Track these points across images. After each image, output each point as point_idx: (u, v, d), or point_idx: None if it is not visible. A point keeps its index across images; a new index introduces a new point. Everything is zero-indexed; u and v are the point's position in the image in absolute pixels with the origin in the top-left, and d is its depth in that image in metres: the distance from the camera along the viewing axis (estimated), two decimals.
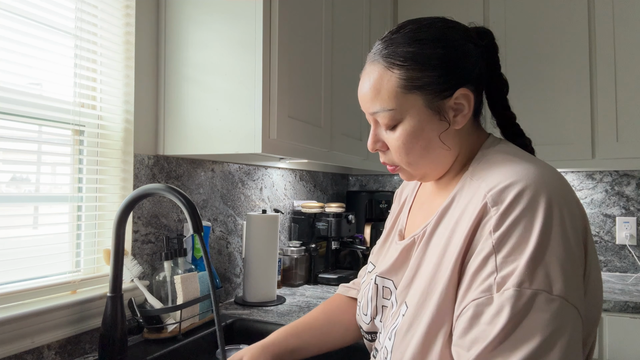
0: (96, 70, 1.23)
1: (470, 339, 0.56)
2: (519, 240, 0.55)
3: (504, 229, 0.56)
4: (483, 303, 0.56)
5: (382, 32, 2.22)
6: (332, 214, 2.04)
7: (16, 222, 1.04)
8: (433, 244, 0.68)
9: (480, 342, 0.54)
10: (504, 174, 0.61)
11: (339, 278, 1.99)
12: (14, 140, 1.03)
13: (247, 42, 1.28)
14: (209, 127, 1.32)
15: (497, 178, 0.61)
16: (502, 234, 0.56)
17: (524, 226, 0.55)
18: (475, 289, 0.57)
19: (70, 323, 1.09)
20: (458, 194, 0.68)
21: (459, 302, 0.59)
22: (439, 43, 0.68)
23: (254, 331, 1.40)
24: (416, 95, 0.69)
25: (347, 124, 1.82)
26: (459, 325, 0.58)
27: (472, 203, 0.62)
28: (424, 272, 0.66)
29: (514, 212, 0.57)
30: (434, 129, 0.70)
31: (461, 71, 0.68)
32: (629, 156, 1.94)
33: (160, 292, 1.28)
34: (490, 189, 0.60)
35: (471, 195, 0.64)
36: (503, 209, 0.57)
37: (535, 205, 0.56)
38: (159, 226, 1.37)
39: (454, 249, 0.62)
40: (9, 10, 1.02)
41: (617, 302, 1.67)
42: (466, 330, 0.56)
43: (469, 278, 0.58)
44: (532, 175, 0.59)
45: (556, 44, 2.08)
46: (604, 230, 2.25)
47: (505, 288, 0.54)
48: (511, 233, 0.56)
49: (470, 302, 0.57)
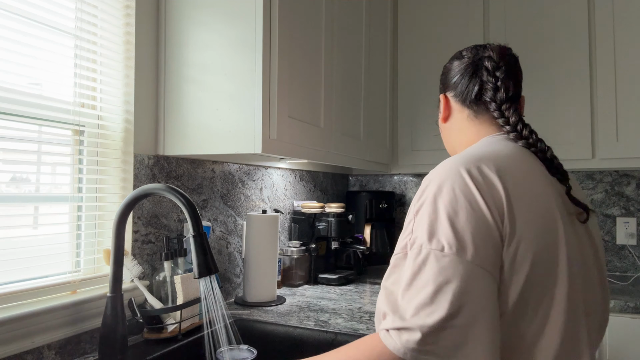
0: (96, 70, 1.23)
1: (390, 282, 0.75)
2: (424, 211, 0.73)
3: (417, 201, 0.75)
4: (400, 257, 0.75)
5: (382, 32, 2.22)
6: (332, 214, 2.04)
7: (16, 222, 1.04)
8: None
9: (396, 286, 0.72)
10: (438, 166, 0.80)
11: (339, 278, 1.99)
12: (14, 140, 1.03)
13: (247, 42, 1.28)
14: (209, 127, 1.32)
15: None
16: (417, 205, 0.75)
17: (429, 202, 0.73)
18: (397, 246, 0.77)
19: (70, 323, 1.09)
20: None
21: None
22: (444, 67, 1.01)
23: (254, 331, 1.40)
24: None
25: (347, 124, 1.82)
26: (386, 273, 0.78)
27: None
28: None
29: (424, 192, 0.75)
30: (438, 118, 1.03)
31: (442, 83, 0.99)
32: (629, 156, 1.94)
33: (160, 292, 1.28)
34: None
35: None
36: (420, 190, 0.77)
37: (434, 187, 0.74)
38: (159, 226, 1.37)
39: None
40: (9, 10, 1.02)
41: (617, 302, 1.67)
42: (388, 276, 0.76)
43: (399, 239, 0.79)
44: (442, 166, 0.77)
45: (556, 44, 2.08)
46: (604, 230, 2.25)
47: (412, 247, 0.72)
48: (422, 205, 0.74)
49: (393, 256, 0.77)
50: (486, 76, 0.90)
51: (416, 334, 0.66)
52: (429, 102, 2.31)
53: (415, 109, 2.34)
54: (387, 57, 2.28)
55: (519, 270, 0.70)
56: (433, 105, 2.30)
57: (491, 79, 0.89)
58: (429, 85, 2.31)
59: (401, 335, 0.67)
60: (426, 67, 2.32)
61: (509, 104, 0.88)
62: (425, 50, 2.32)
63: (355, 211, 2.44)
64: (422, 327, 0.65)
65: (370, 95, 2.06)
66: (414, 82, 2.35)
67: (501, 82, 0.88)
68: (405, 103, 2.36)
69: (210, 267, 0.93)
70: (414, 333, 0.66)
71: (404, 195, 2.68)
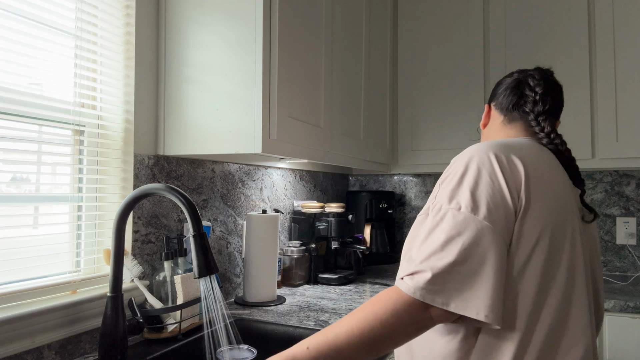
0: (96, 70, 1.23)
1: (411, 237, 0.86)
2: (449, 181, 0.83)
3: (444, 175, 0.86)
4: (422, 218, 0.86)
5: (382, 32, 2.22)
6: (332, 214, 2.04)
7: (16, 222, 1.04)
8: None
9: (414, 241, 0.82)
10: (469, 147, 0.89)
11: (339, 278, 1.99)
12: (14, 140, 1.03)
13: (247, 42, 1.28)
14: (209, 127, 1.32)
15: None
16: (444, 177, 0.86)
17: (454, 174, 0.83)
18: (425, 207, 0.87)
19: (71, 323, 1.09)
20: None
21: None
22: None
23: (254, 331, 1.40)
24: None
25: (347, 124, 1.82)
26: (411, 229, 0.89)
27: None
28: None
29: (452, 167, 0.86)
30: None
31: (491, 95, 1.11)
32: (629, 156, 1.94)
33: (160, 292, 1.28)
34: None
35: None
36: (449, 166, 0.87)
37: (463, 164, 0.84)
38: (159, 226, 1.37)
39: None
40: (9, 10, 1.02)
41: (617, 302, 1.67)
42: (412, 232, 0.87)
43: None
44: (473, 147, 0.87)
45: (556, 44, 2.08)
46: (604, 230, 2.25)
47: (434, 207, 0.82)
48: (447, 177, 0.85)
49: (418, 216, 0.89)
50: (528, 90, 1.01)
51: (427, 274, 0.75)
52: (429, 102, 2.31)
53: (415, 109, 2.34)
54: (387, 57, 2.28)
55: (530, 238, 0.79)
56: (433, 106, 2.30)
57: (531, 93, 1.00)
58: (429, 85, 2.31)
59: (413, 277, 0.76)
60: (426, 67, 2.32)
61: (544, 115, 0.99)
62: (425, 50, 2.32)
63: (355, 211, 2.44)
64: (433, 268, 0.75)
65: (370, 95, 2.06)
66: (414, 82, 2.34)
67: (540, 97, 1.00)
68: (405, 103, 2.36)
69: (211, 267, 0.93)
70: (424, 274, 0.75)
71: (404, 195, 2.68)
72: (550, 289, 0.79)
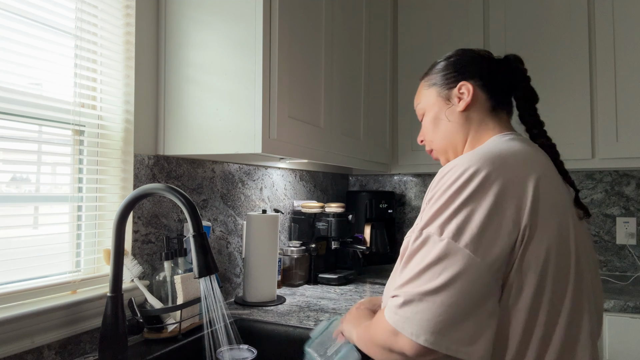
0: (96, 70, 1.23)
1: (398, 261, 0.80)
2: (435, 199, 0.74)
3: (433, 189, 0.77)
4: (408, 239, 0.78)
5: (382, 32, 2.22)
6: (332, 214, 2.04)
7: (16, 222, 1.04)
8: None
9: (402, 265, 0.75)
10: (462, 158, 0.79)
11: (339, 278, 1.99)
12: (14, 140, 1.03)
13: (247, 42, 1.28)
14: (209, 127, 1.32)
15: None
16: (432, 193, 0.77)
17: (442, 190, 0.74)
18: (414, 225, 0.79)
19: (71, 323, 1.09)
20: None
21: None
22: (450, 57, 0.97)
23: (254, 331, 1.40)
24: (432, 90, 0.98)
25: (347, 124, 1.82)
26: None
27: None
28: None
29: (442, 180, 0.76)
30: (442, 109, 0.96)
31: (465, 71, 0.94)
32: (629, 156, 1.94)
33: (160, 292, 1.28)
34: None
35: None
36: (438, 176, 0.78)
37: (454, 179, 0.74)
38: (159, 226, 1.37)
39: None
40: (9, 10, 1.02)
41: (617, 302, 1.67)
42: (400, 256, 0.79)
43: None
44: (470, 159, 0.76)
45: (556, 44, 2.08)
46: (604, 230, 2.25)
47: (418, 229, 0.75)
48: (435, 194, 0.75)
49: (408, 232, 0.81)
50: (520, 77, 0.93)
51: (399, 299, 0.71)
52: None
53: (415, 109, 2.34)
54: (387, 57, 2.28)
55: (534, 265, 0.72)
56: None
57: (525, 80, 0.93)
58: None
59: (390, 302, 0.73)
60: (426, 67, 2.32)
61: (535, 106, 0.94)
62: (425, 50, 2.32)
63: (355, 211, 2.44)
64: (406, 293, 0.70)
65: (370, 95, 2.06)
66: (414, 82, 2.34)
67: (530, 84, 0.94)
68: (405, 103, 2.36)
69: (210, 267, 0.93)
70: (398, 299, 0.72)
71: (404, 195, 2.68)
72: (559, 318, 0.73)
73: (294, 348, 1.34)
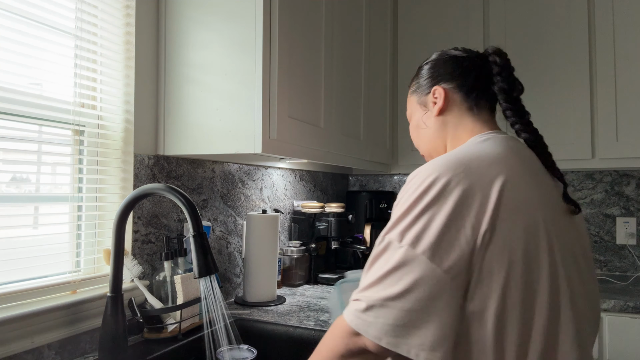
0: (96, 70, 1.23)
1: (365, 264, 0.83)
2: (400, 205, 0.75)
3: (400, 195, 0.78)
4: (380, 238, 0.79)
5: (382, 32, 2.22)
6: (332, 214, 2.04)
7: (16, 222, 1.04)
8: None
9: (366, 268, 0.76)
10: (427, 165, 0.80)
11: (339, 278, 1.98)
12: (14, 140, 1.03)
13: (247, 42, 1.28)
14: (209, 127, 1.32)
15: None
16: (398, 198, 0.78)
17: (407, 197, 0.75)
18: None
19: (71, 323, 1.09)
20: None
21: None
22: (427, 62, 0.99)
23: (254, 331, 1.40)
24: (413, 97, 1.02)
25: (347, 124, 1.82)
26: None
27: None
28: None
29: (407, 186, 0.77)
30: (421, 115, 0.99)
31: (437, 75, 0.95)
32: (629, 156, 1.94)
33: (160, 292, 1.28)
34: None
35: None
36: (406, 183, 0.79)
37: (416, 186, 0.75)
38: (159, 226, 1.37)
39: None
40: (9, 10, 1.02)
41: (617, 302, 1.67)
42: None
43: None
44: (434, 165, 0.76)
45: (556, 44, 2.08)
46: (604, 230, 2.25)
47: (382, 233, 0.76)
48: (400, 200, 0.77)
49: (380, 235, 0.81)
50: (497, 70, 0.89)
51: (362, 304, 0.72)
52: None
53: None
54: (387, 57, 2.28)
55: (497, 270, 0.71)
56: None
57: (504, 74, 0.89)
58: None
59: (352, 305, 0.75)
60: None
61: (520, 101, 0.89)
62: (425, 50, 2.32)
63: (355, 211, 2.44)
64: (368, 298, 0.72)
65: (370, 95, 2.06)
66: None
67: (512, 78, 0.89)
68: (405, 103, 2.36)
69: (210, 267, 0.93)
70: (360, 303, 0.73)
71: None
72: (532, 322, 0.71)
73: (294, 348, 1.34)
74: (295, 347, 1.34)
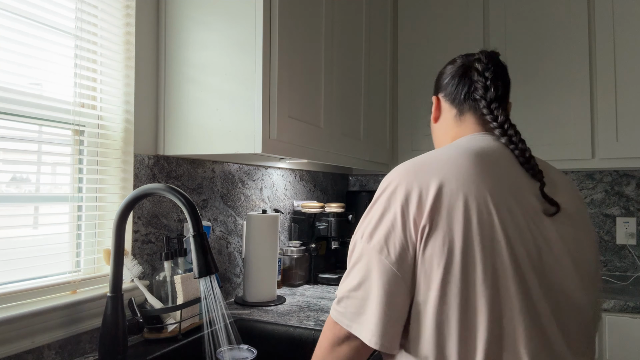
0: (96, 70, 1.23)
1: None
2: (368, 207, 0.86)
3: (371, 202, 0.87)
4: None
5: (382, 32, 2.22)
6: (332, 214, 2.04)
7: (16, 222, 1.04)
8: None
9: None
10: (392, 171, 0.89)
11: (339, 278, 1.98)
12: (14, 140, 1.03)
13: (247, 42, 1.28)
14: (209, 127, 1.32)
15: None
16: (370, 205, 0.87)
17: (373, 200, 0.86)
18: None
19: (71, 323, 1.09)
20: None
21: None
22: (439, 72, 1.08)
23: (254, 331, 1.40)
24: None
25: (347, 124, 1.82)
26: None
27: None
28: None
29: (376, 194, 0.87)
30: (430, 122, 1.09)
31: (436, 86, 1.05)
32: (629, 156, 1.94)
33: (160, 292, 1.28)
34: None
35: None
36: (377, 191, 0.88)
37: (379, 190, 0.85)
38: (159, 226, 1.37)
39: None
40: (9, 10, 1.02)
41: (617, 302, 1.67)
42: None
43: None
44: (394, 172, 0.86)
45: (556, 44, 2.08)
46: (604, 230, 2.25)
47: (355, 232, 0.87)
48: (369, 206, 0.87)
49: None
50: (476, 76, 0.94)
51: (336, 297, 0.84)
52: (428, 102, 2.31)
53: (415, 110, 2.34)
54: (387, 57, 2.28)
55: (436, 263, 0.76)
56: (432, 106, 2.30)
57: (481, 78, 0.93)
58: (429, 85, 2.31)
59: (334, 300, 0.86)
60: (426, 68, 2.32)
61: (497, 103, 0.92)
62: (425, 50, 2.33)
63: (355, 211, 2.44)
64: (339, 292, 0.84)
65: (370, 95, 2.06)
66: (414, 82, 2.34)
67: (490, 82, 0.92)
68: (405, 103, 2.36)
69: (210, 267, 0.93)
70: (336, 297, 0.85)
71: None
72: (476, 319, 0.74)
73: (294, 348, 1.34)
74: (295, 347, 1.34)
